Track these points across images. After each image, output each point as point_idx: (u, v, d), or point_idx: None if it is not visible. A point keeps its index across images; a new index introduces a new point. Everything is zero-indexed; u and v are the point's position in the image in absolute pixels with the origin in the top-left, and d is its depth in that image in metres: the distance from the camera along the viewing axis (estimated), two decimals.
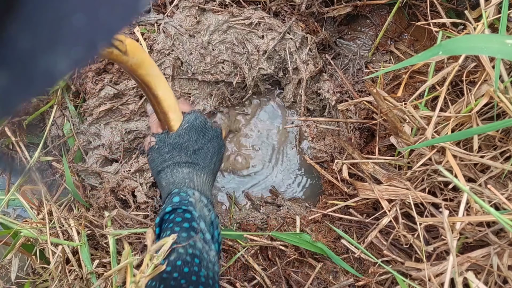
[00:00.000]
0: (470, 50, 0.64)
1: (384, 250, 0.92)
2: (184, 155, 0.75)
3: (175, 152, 0.75)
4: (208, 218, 0.72)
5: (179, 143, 0.75)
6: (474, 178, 0.85)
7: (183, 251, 0.65)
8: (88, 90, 1.05)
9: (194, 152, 0.76)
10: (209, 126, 0.79)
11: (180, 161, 0.75)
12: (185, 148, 0.75)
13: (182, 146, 0.75)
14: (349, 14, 1.15)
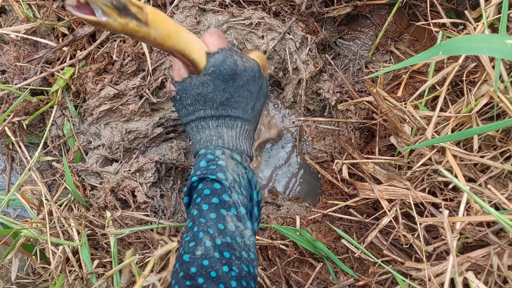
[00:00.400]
0: (470, 50, 0.64)
1: (384, 250, 0.92)
2: (209, 108, 0.63)
3: (199, 105, 0.63)
4: (244, 178, 0.62)
5: (203, 94, 0.62)
6: (474, 178, 0.85)
7: (210, 245, 0.55)
8: (88, 90, 1.05)
9: (222, 103, 0.63)
10: (241, 69, 0.63)
11: (205, 115, 0.63)
12: (210, 100, 0.62)
13: (206, 97, 0.62)
14: (349, 14, 1.15)
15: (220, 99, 0.63)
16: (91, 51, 1.04)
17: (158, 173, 1.05)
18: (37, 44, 1.08)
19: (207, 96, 0.62)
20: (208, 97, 0.62)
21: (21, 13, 1.03)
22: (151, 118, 1.07)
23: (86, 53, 1.04)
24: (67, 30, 1.07)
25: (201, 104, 0.63)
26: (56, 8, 1.07)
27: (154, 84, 1.05)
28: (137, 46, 1.04)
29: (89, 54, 1.05)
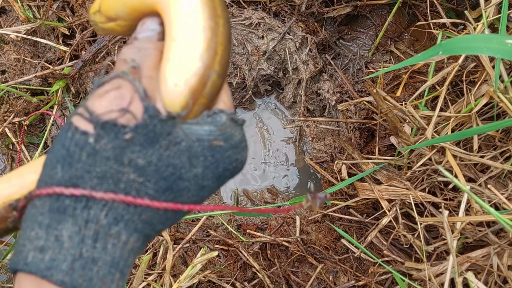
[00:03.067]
0: (470, 50, 0.64)
1: (384, 250, 0.92)
2: (150, 183, 0.32)
3: (137, 169, 0.32)
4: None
5: (169, 156, 0.32)
6: (474, 178, 0.85)
7: None
8: (88, 90, 1.05)
9: (173, 189, 0.33)
10: (239, 161, 0.36)
11: (128, 190, 0.31)
12: (164, 174, 0.32)
13: (168, 164, 0.32)
14: (349, 14, 1.15)
15: (182, 181, 0.34)
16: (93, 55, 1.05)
17: None
18: (37, 44, 1.08)
19: (174, 163, 0.33)
20: (165, 166, 0.32)
21: (21, 14, 1.03)
22: None
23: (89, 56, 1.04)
24: (67, 31, 1.07)
25: (142, 169, 0.32)
26: (56, 9, 1.07)
27: None
28: None
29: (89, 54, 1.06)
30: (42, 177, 0.32)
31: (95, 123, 0.30)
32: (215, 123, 0.34)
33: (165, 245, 0.96)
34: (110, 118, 0.30)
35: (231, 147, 0.34)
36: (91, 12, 0.41)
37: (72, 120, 0.31)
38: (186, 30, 0.33)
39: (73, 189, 0.30)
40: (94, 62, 1.06)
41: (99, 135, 0.30)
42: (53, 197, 0.30)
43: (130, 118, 0.31)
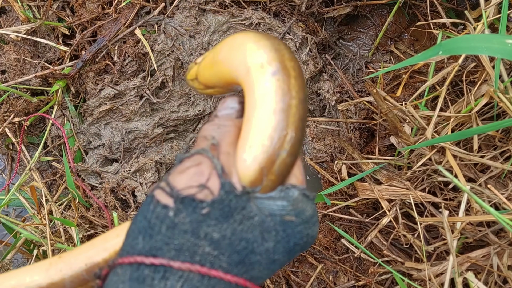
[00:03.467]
0: (470, 50, 0.64)
1: (384, 250, 0.92)
2: (223, 257, 0.33)
3: (212, 242, 0.32)
4: None
5: (242, 231, 0.33)
6: (474, 178, 0.85)
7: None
8: (88, 90, 1.05)
9: (245, 263, 0.34)
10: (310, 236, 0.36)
11: (201, 264, 0.32)
12: (237, 248, 0.33)
13: (241, 238, 0.33)
14: (349, 14, 1.15)
15: (253, 256, 0.34)
16: (93, 55, 1.04)
17: (158, 173, 1.05)
18: (37, 44, 1.08)
19: (244, 236, 0.33)
20: (238, 241, 0.33)
21: (21, 14, 1.03)
22: (151, 118, 1.07)
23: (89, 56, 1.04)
24: (67, 31, 1.07)
25: (217, 243, 0.33)
26: (56, 9, 1.07)
27: (154, 85, 1.06)
28: (137, 47, 1.04)
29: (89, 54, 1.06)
30: (124, 247, 0.34)
31: (175, 197, 0.32)
32: (287, 198, 0.34)
33: None
34: (189, 193, 0.32)
35: (302, 222, 0.35)
36: (188, 78, 0.44)
37: (155, 194, 0.33)
38: (258, 111, 0.34)
39: (152, 258, 0.31)
40: (94, 62, 1.06)
41: (179, 209, 0.32)
42: (134, 266, 0.32)
43: (207, 193, 0.32)
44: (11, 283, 0.39)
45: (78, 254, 0.40)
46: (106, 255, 0.39)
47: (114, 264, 0.33)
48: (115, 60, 1.04)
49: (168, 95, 1.07)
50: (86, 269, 0.39)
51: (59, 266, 0.39)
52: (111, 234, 0.40)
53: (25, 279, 0.39)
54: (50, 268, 0.39)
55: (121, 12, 1.04)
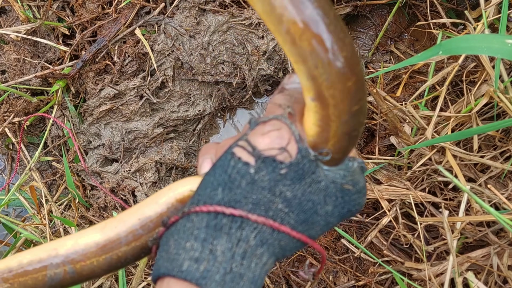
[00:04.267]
0: (470, 50, 0.64)
1: (384, 250, 0.92)
2: (292, 214, 0.36)
3: (285, 200, 0.35)
4: None
5: (310, 193, 0.36)
6: (474, 178, 0.85)
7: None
8: (88, 90, 1.05)
9: (308, 222, 0.37)
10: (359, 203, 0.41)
11: (272, 219, 0.35)
12: (305, 207, 0.36)
13: (309, 199, 0.36)
14: (349, 14, 1.15)
15: (316, 216, 0.38)
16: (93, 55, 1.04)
17: (158, 173, 1.05)
18: (37, 44, 1.08)
19: (313, 199, 0.36)
20: (308, 203, 0.36)
21: (21, 14, 1.03)
22: (151, 118, 1.07)
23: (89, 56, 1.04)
24: (67, 31, 1.07)
25: (288, 202, 0.35)
26: (56, 9, 1.07)
27: (154, 85, 1.06)
28: (137, 47, 1.04)
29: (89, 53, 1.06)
30: (200, 197, 0.36)
31: (257, 157, 0.35)
32: (348, 169, 0.38)
33: None
34: (271, 154, 0.35)
35: (356, 191, 0.39)
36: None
37: (234, 151, 0.36)
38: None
39: (232, 209, 0.34)
40: (94, 62, 1.06)
41: (260, 167, 0.35)
42: (212, 214, 0.34)
43: (286, 156, 0.35)
44: (69, 242, 0.41)
45: (131, 211, 0.42)
46: (158, 209, 0.40)
47: (189, 211, 0.36)
48: (115, 60, 1.04)
49: (168, 95, 1.07)
50: (140, 223, 0.40)
51: (114, 223, 0.41)
52: (164, 190, 0.41)
53: (83, 239, 0.40)
54: (106, 226, 0.41)
55: (121, 12, 1.04)
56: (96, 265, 0.40)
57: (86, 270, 0.40)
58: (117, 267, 0.41)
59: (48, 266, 0.40)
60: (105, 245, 0.40)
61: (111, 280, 0.93)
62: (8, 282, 0.40)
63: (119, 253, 0.40)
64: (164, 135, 1.09)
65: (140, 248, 0.40)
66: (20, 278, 0.40)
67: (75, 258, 0.40)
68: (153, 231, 0.40)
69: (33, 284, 0.40)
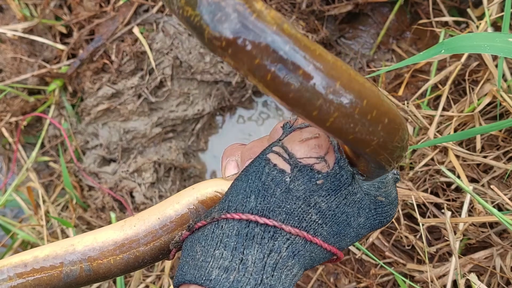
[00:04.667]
0: (473, 49, 0.63)
1: (386, 252, 0.91)
2: (325, 226, 0.35)
3: (319, 212, 0.34)
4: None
5: (345, 205, 0.35)
6: (477, 179, 0.84)
7: None
8: (85, 89, 1.04)
9: (341, 234, 0.36)
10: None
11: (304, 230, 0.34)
12: (339, 220, 0.35)
13: (343, 211, 0.35)
14: (350, 12, 1.14)
15: (346, 228, 0.37)
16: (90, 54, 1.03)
17: (156, 174, 1.04)
18: (34, 43, 1.07)
19: (346, 210, 0.36)
20: (341, 214, 0.36)
21: (18, 12, 1.02)
22: (150, 118, 1.06)
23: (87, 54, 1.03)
24: (65, 29, 1.06)
25: (322, 214, 0.34)
26: (53, 7, 1.06)
27: (153, 84, 1.04)
28: (135, 45, 1.03)
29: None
30: (231, 203, 0.34)
31: (293, 165, 0.34)
32: (382, 180, 0.37)
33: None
34: (308, 163, 0.34)
35: (389, 203, 0.38)
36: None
37: (270, 157, 0.34)
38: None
39: (266, 219, 0.33)
40: (91, 61, 1.05)
41: (296, 176, 0.33)
42: (243, 222, 0.33)
43: (324, 166, 0.34)
44: (87, 238, 0.40)
45: (151, 210, 0.41)
46: (178, 208, 0.39)
47: (219, 217, 0.34)
48: (113, 59, 1.03)
49: (167, 94, 1.06)
50: (160, 223, 0.39)
51: (133, 222, 0.40)
52: (187, 189, 0.40)
53: (101, 236, 0.40)
54: (125, 224, 0.40)
55: (119, 10, 1.03)
56: (113, 264, 0.39)
57: (102, 269, 0.39)
58: (134, 268, 0.40)
59: (64, 263, 0.39)
60: (123, 244, 0.39)
61: (109, 282, 0.92)
62: (22, 277, 0.39)
63: (137, 253, 0.39)
64: (162, 135, 1.08)
65: (159, 249, 0.39)
66: (35, 274, 0.39)
67: (92, 255, 0.39)
68: (173, 233, 0.39)
69: (48, 280, 0.39)
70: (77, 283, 0.40)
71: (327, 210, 0.34)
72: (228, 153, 0.40)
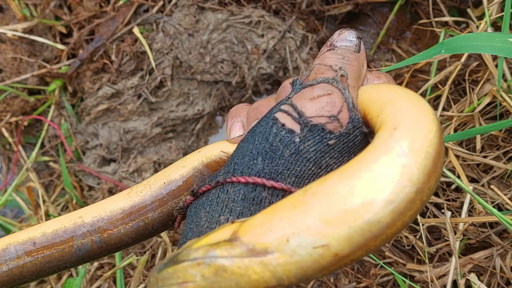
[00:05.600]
0: (473, 49, 0.63)
1: (386, 252, 0.91)
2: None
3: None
4: None
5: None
6: (477, 179, 0.84)
7: None
8: (85, 89, 1.04)
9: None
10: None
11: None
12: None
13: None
14: (350, 12, 1.14)
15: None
16: (91, 54, 1.03)
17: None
18: (34, 43, 1.07)
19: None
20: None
21: (18, 12, 1.02)
22: (150, 118, 1.06)
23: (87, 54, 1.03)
24: (65, 29, 1.06)
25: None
26: (53, 7, 1.06)
27: (153, 84, 1.04)
28: (135, 45, 1.03)
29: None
30: (237, 166, 0.32)
31: (304, 124, 0.31)
32: None
33: (164, 246, 0.95)
34: (320, 122, 0.31)
35: None
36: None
37: (277, 116, 0.32)
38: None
39: (274, 182, 0.30)
40: (91, 61, 1.04)
41: (306, 136, 0.31)
42: (250, 186, 0.31)
43: (336, 125, 0.31)
44: (94, 209, 0.39)
45: (158, 175, 0.39)
46: (184, 172, 0.38)
47: (224, 181, 0.32)
48: (113, 59, 1.03)
49: (167, 94, 1.06)
50: (165, 187, 0.38)
51: (140, 188, 0.39)
52: (194, 152, 0.39)
53: (109, 206, 0.38)
54: (132, 191, 0.39)
55: (119, 10, 1.03)
56: (124, 233, 0.38)
57: (114, 239, 0.38)
58: (145, 235, 0.39)
59: (74, 237, 0.38)
60: (131, 212, 0.38)
61: (109, 282, 0.92)
62: (31, 255, 0.38)
63: (146, 220, 0.38)
64: (162, 135, 1.08)
65: (167, 215, 0.38)
66: (45, 250, 0.38)
67: (102, 226, 0.38)
68: (179, 198, 0.38)
69: (59, 256, 0.38)
70: (90, 256, 0.39)
71: None
72: (233, 113, 0.38)
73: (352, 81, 0.33)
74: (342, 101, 0.32)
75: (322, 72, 0.33)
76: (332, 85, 0.32)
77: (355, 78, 0.33)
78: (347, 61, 0.34)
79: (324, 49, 0.36)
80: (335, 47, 0.36)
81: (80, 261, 0.39)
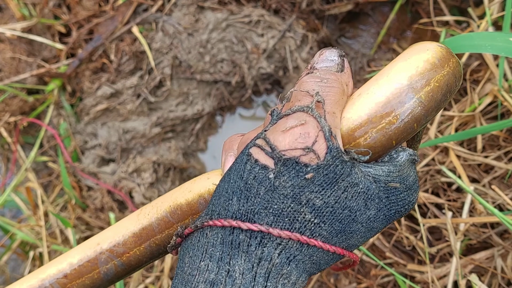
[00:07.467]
0: (474, 48, 0.62)
1: (386, 252, 0.91)
2: (324, 225, 0.31)
3: (314, 210, 0.31)
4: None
5: (346, 199, 0.31)
6: (478, 179, 0.84)
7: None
8: (84, 89, 1.04)
9: (345, 231, 0.32)
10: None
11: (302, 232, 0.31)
12: (340, 216, 0.31)
13: (345, 206, 0.31)
14: (351, 11, 1.13)
15: (352, 225, 0.33)
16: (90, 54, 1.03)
17: (156, 174, 1.04)
18: (33, 42, 1.06)
19: (350, 205, 0.32)
20: (340, 210, 0.31)
21: (17, 11, 1.01)
22: (149, 118, 1.06)
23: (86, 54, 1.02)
24: (63, 29, 1.06)
25: (318, 211, 0.31)
26: (52, 7, 1.05)
27: (152, 83, 1.04)
28: (135, 45, 1.02)
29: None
30: (214, 207, 0.31)
31: (277, 159, 0.30)
32: (394, 163, 0.33)
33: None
34: (293, 155, 0.29)
35: (406, 189, 0.33)
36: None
37: (251, 152, 0.30)
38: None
39: (250, 224, 0.29)
40: (90, 60, 1.04)
41: (280, 171, 0.29)
42: (227, 229, 0.30)
43: (313, 157, 0.29)
44: (108, 234, 0.40)
45: (165, 196, 0.40)
46: (189, 197, 0.38)
47: (202, 225, 0.31)
48: (112, 59, 1.02)
49: (166, 94, 1.05)
50: (170, 211, 0.38)
51: (147, 210, 0.40)
52: (201, 177, 0.39)
53: (120, 230, 0.40)
54: (140, 213, 0.40)
55: (118, 10, 1.03)
56: (140, 254, 0.39)
57: (133, 261, 0.39)
58: (159, 253, 0.39)
59: (98, 264, 0.40)
60: (140, 235, 0.39)
61: None
62: (66, 287, 0.40)
63: (156, 241, 0.39)
64: (162, 135, 1.08)
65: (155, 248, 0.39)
66: (77, 280, 0.40)
67: (119, 250, 0.39)
68: (184, 221, 0.38)
69: (91, 283, 0.40)
70: (118, 277, 0.40)
71: (324, 207, 0.30)
72: (226, 146, 0.37)
73: (330, 106, 0.31)
74: (317, 130, 0.30)
75: (298, 99, 0.31)
76: (307, 113, 0.30)
77: (334, 101, 0.31)
78: (326, 83, 0.32)
79: (304, 72, 0.35)
80: (314, 69, 0.34)
81: (110, 283, 0.41)
